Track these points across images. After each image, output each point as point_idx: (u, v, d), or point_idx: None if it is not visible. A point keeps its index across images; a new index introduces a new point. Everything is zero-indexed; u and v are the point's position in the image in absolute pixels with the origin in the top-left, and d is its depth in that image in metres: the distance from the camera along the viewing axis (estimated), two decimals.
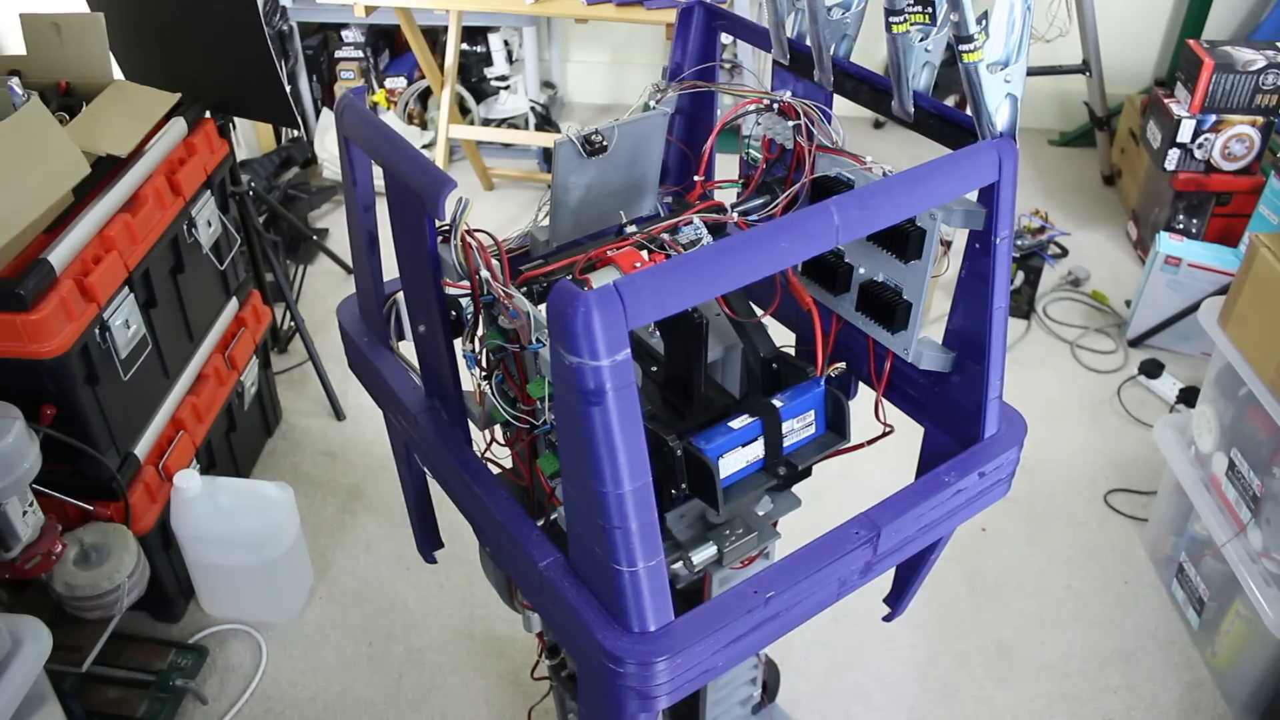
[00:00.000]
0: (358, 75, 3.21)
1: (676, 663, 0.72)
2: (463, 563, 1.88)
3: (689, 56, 1.00)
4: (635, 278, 0.63)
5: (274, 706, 1.69)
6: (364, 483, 2.11)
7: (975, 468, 0.87)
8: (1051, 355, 2.47)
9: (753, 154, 0.97)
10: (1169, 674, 1.74)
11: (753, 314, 0.91)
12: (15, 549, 1.42)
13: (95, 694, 1.64)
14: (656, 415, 0.88)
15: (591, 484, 0.67)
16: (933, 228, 0.81)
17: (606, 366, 0.62)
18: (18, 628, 1.29)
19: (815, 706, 1.69)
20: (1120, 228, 2.93)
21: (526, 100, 3.13)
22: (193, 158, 1.76)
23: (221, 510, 1.68)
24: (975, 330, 0.84)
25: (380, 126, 0.79)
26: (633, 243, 0.84)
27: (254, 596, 1.79)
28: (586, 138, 0.86)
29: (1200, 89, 2.48)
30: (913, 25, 0.80)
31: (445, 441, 0.89)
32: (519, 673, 1.73)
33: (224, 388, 1.92)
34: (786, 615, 0.78)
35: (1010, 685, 1.73)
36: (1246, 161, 2.55)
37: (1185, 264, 2.34)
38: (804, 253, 0.70)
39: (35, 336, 1.39)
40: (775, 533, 0.94)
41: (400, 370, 0.95)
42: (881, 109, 0.88)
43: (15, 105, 1.51)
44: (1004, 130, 0.79)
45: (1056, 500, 2.07)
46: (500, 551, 0.87)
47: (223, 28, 1.82)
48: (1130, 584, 1.90)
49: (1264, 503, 1.58)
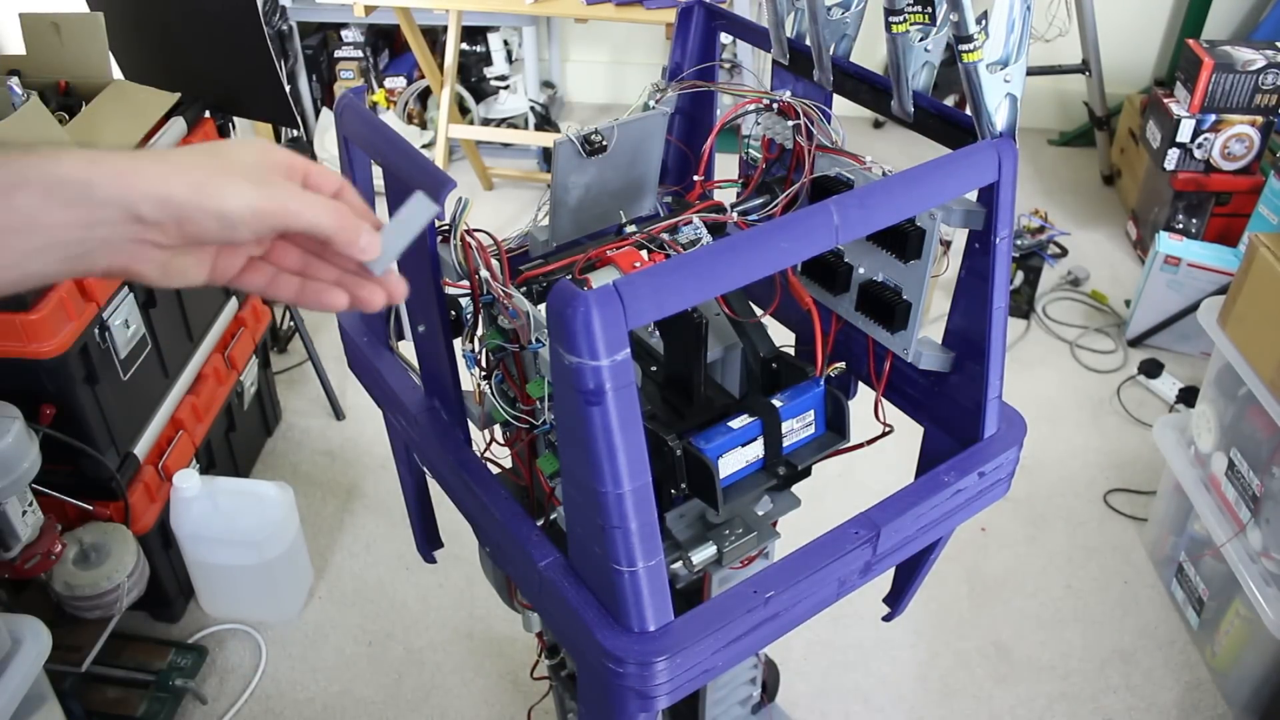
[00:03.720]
0: (357, 75, 3.21)
1: (676, 663, 0.72)
2: (463, 563, 1.88)
3: (689, 56, 1.00)
4: (635, 278, 0.63)
5: (273, 706, 1.69)
6: (364, 482, 2.11)
7: (975, 468, 0.87)
8: (1051, 355, 2.47)
9: (752, 154, 0.97)
10: (1169, 674, 1.74)
11: (752, 314, 0.91)
12: (15, 549, 1.42)
13: (95, 694, 1.64)
14: (656, 415, 0.88)
15: (591, 484, 0.67)
16: (932, 227, 0.81)
17: (606, 366, 0.62)
18: (17, 627, 1.29)
19: (815, 706, 1.69)
20: (1120, 227, 2.93)
21: (526, 100, 3.13)
22: None
23: (221, 510, 1.68)
24: (975, 330, 0.84)
25: (380, 126, 0.79)
26: (632, 243, 0.84)
27: (253, 596, 1.79)
28: (586, 137, 0.86)
29: (1200, 89, 2.48)
30: (912, 25, 0.80)
31: (445, 441, 0.89)
32: (519, 673, 1.73)
33: (223, 387, 1.92)
34: (786, 615, 0.78)
35: (1010, 685, 1.73)
36: (1246, 161, 2.55)
37: (1185, 264, 2.34)
38: (804, 253, 0.70)
39: (35, 336, 1.39)
40: (775, 533, 0.94)
41: (400, 370, 0.95)
42: (881, 109, 0.88)
43: (15, 105, 1.51)
44: (1004, 130, 0.79)
45: (1056, 500, 2.07)
46: (500, 551, 0.87)
47: (223, 28, 1.81)
48: (1130, 584, 1.90)
49: (1264, 502, 1.58)
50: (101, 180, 0.45)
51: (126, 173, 0.45)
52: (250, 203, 0.49)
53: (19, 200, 0.43)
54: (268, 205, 0.49)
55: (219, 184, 0.48)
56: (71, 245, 0.45)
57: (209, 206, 0.47)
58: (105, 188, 0.45)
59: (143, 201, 0.45)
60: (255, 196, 0.49)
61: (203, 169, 0.48)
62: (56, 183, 0.44)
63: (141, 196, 0.45)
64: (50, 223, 0.44)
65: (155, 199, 0.46)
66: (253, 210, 0.49)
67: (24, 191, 0.43)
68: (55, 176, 0.44)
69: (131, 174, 0.45)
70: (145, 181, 0.46)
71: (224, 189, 0.48)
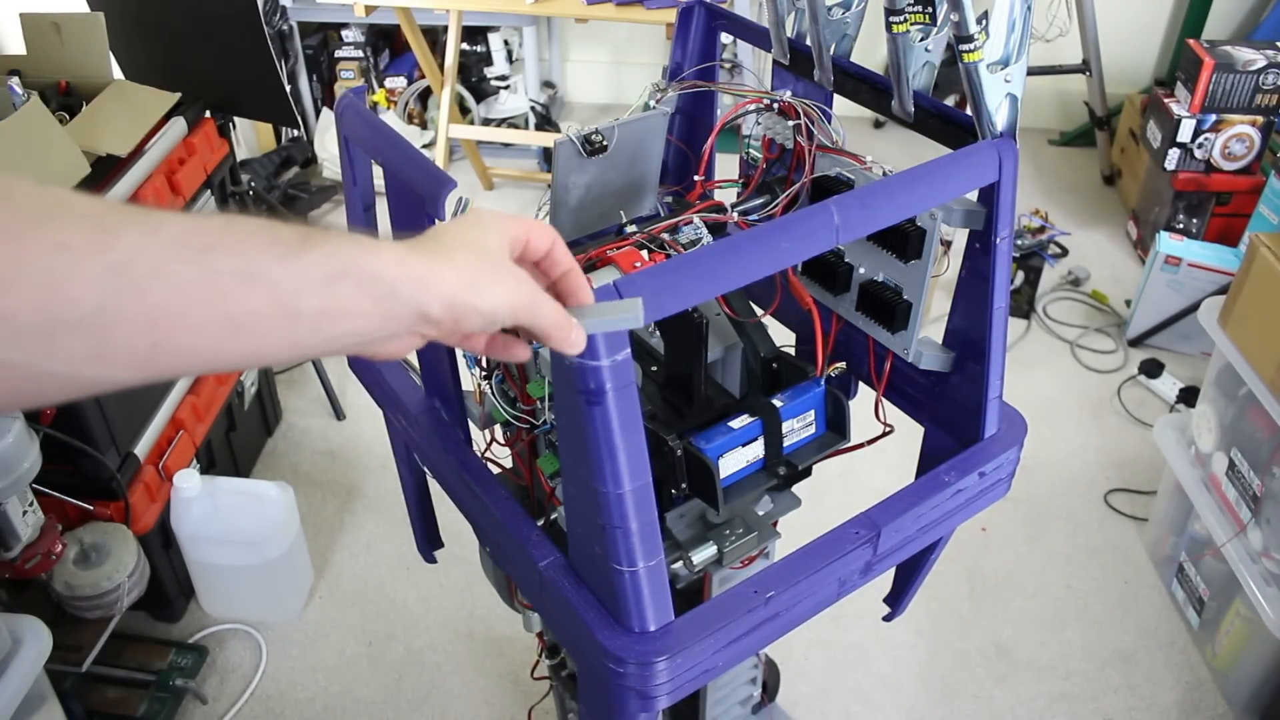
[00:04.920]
0: (358, 75, 3.21)
1: (676, 663, 0.72)
2: (463, 563, 1.87)
3: (689, 56, 1.00)
4: (635, 278, 0.63)
5: (274, 706, 1.69)
6: (364, 482, 2.11)
7: (975, 467, 0.87)
8: (1051, 355, 2.47)
9: (753, 154, 0.97)
10: (1169, 674, 1.74)
11: (753, 314, 0.91)
12: (15, 549, 1.42)
13: (95, 694, 1.64)
14: (656, 415, 0.88)
15: (591, 484, 0.67)
16: (933, 227, 0.81)
17: (606, 366, 0.62)
18: (18, 627, 1.29)
19: (815, 706, 1.69)
20: (1120, 227, 2.93)
21: (526, 100, 3.13)
22: (192, 157, 1.76)
23: (221, 510, 1.68)
24: (975, 330, 0.84)
25: (380, 126, 0.79)
26: (633, 242, 0.84)
27: (254, 596, 1.79)
28: (586, 137, 0.86)
29: (1200, 89, 2.48)
30: (913, 25, 0.79)
31: (445, 441, 0.89)
32: (519, 673, 1.73)
33: (224, 387, 1.92)
34: (786, 615, 0.78)
35: (1010, 685, 1.73)
36: (1246, 161, 2.55)
37: (1185, 264, 2.34)
38: (804, 252, 0.70)
39: None
40: (775, 533, 0.94)
41: (400, 370, 0.95)
42: (881, 109, 0.88)
43: (15, 105, 1.51)
44: (1004, 130, 0.79)
45: (1056, 500, 2.07)
46: (500, 551, 0.87)
47: (223, 28, 1.81)
48: (1130, 584, 1.90)
49: (1264, 502, 1.58)
50: (407, 282, 0.49)
51: (427, 277, 0.50)
52: (510, 303, 0.54)
53: (341, 289, 0.47)
54: (521, 306, 0.54)
55: (486, 283, 0.52)
56: (366, 334, 0.49)
57: (481, 306, 0.52)
58: (408, 289, 0.49)
59: (433, 303, 0.50)
60: (513, 298, 0.54)
61: (472, 267, 0.52)
62: (370, 278, 0.47)
63: (434, 298, 0.50)
64: (359, 312, 0.48)
65: (443, 302, 0.50)
66: (510, 310, 0.54)
67: (345, 283, 0.47)
68: (370, 273, 0.48)
69: (431, 278, 0.50)
70: (439, 285, 0.50)
71: (490, 289, 0.53)
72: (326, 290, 0.46)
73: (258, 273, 0.44)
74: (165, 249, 0.42)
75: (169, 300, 0.41)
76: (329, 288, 0.46)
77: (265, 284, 0.44)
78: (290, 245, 0.45)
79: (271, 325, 0.45)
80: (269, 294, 0.44)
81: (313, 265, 0.46)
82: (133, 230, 0.41)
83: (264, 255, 0.44)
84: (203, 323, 0.43)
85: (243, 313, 0.44)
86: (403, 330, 0.50)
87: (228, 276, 0.43)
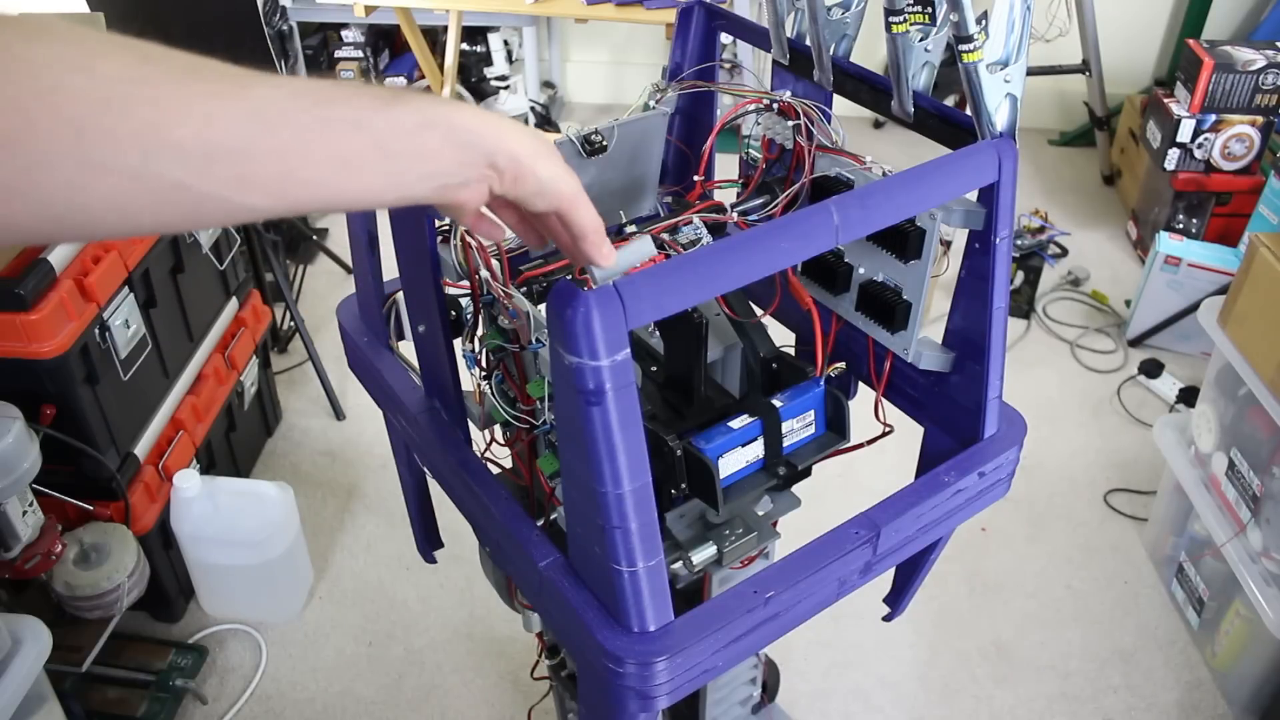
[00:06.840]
0: (358, 75, 3.21)
1: (676, 663, 0.72)
2: (463, 563, 1.88)
3: (689, 56, 1.00)
4: (635, 278, 0.63)
5: (274, 706, 1.69)
6: (364, 483, 2.11)
7: (975, 467, 0.87)
8: (1051, 355, 2.47)
9: (752, 154, 0.97)
10: (1169, 674, 1.74)
11: (753, 314, 0.91)
12: (15, 549, 1.42)
13: (95, 694, 1.64)
14: (656, 415, 0.88)
15: (591, 484, 0.67)
16: (932, 227, 0.81)
17: (606, 366, 0.62)
18: (18, 628, 1.29)
19: (815, 706, 1.69)
20: (1120, 227, 2.93)
21: (526, 100, 3.13)
22: None
23: (221, 510, 1.68)
24: (975, 330, 0.84)
25: None
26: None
27: (253, 596, 1.79)
28: (586, 137, 0.86)
29: (1200, 89, 2.48)
30: (913, 25, 0.79)
31: (445, 441, 0.89)
32: (519, 673, 1.73)
33: (224, 387, 1.92)
34: (786, 615, 0.78)
35: (1010, 685, 1.73)
36: (1246, 161, 2.55)
37: (1185, 264, 2.34)
38: (804, 253, 0.70)
39: (35, 336, 1.39)
40: (775, 533, 0.94)
41: (400, 370, 0.95)
42: (881, 109, 0.88)
43: None
44: (1004, 130, 0.79)
45: (1056, 500, 2.07)
46: (500, 551, 0.87)
47: (223, 28, 1.82)
48: (1130, 584, 1.90)
49: (1264, 502, 1.58)
50: (481, 132, 0.58)
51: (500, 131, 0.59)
52: (562, 181, 0.62)
53: (428, 136, 0.56)
54: (570, 192, 0.63)
55: (547, 154, 0.61)
56: (448, 175, 0.58)
57: (540, 173, 0.61)
58: (485, 137, 0.58)
59: (500, 153, 0.59)
60: (565, 183, 0.62)
61: (538, 143, 0.61)
62: (452, 128, 0.57)
63: (501, 149, 0.59)
64: (443, 157, 0.57)
65: (508, 154, 0.59)
66: (558, 190, 0.62)
67: (433, 131, 0.56)
68: (453, 123, 0.57)
69: (503, 133, 0.59)
70: (507, 139, 0.59)
71: (550, 164, 0.61)
72: (416, 136, 0.55)
73: (361, 120, 0.53)
74: (288, 100, 0.51)
75: (293, 139, 0.51)
76: (418, 133, 0.56)
77: (367, 129, 0.53)
78: (385, 100, 0.55)
79: (372, 165, 0.54)
80: (370, 137, 0.53)
81: (405, 115, 0.55)
82: (263, 85, 0.51)
83: (366, 108, 0.54)
84: (320, 159, 0.52)
85: (350, 152, 0.53)
86: (474, 177, 0.59)
87: (338, 123, 0.53)
